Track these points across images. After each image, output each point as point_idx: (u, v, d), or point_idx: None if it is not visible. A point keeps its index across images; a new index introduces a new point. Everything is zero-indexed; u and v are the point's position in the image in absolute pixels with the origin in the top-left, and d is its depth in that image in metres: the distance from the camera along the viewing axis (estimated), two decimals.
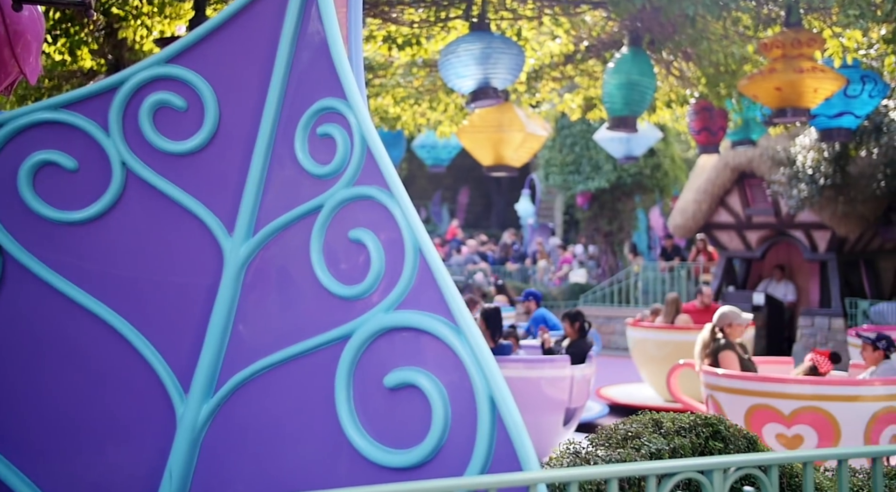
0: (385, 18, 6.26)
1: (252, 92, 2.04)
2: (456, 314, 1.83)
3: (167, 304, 2.09)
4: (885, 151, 10.25)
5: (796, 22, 5.83)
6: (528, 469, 1.72)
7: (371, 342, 1.93)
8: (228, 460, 2.05)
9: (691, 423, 2.54)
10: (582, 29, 7.17)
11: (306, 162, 2.01)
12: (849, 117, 6.93)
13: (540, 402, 6.01)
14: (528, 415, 6.34)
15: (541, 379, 6.04)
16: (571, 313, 6.79)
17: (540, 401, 6.01)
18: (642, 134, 9.25)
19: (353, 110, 1.94)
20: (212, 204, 2.08)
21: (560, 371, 6.10)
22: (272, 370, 2.04)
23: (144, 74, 2.06)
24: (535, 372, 6.06)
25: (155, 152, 2.08)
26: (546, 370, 6.10)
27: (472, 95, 6.07)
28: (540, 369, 6.13)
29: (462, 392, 1.82)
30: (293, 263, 2.03)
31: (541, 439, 5.85)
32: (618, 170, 15.10)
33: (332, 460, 1.95)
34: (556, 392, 6.07)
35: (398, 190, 1.89)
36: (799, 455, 1.69)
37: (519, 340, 6.92)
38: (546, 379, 6.05)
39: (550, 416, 6.07)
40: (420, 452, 1.86)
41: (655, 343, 9.11)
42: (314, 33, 1.99)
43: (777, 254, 12.98)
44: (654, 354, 9.06)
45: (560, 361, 6.18)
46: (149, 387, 2.07)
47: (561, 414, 6.10)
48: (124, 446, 2.08)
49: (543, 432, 5.97)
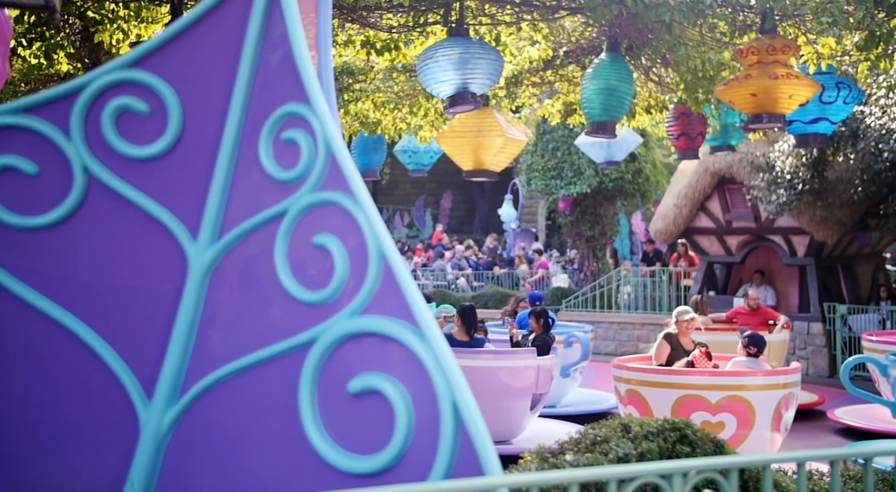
0: (363, 23, 6.26)
1: (216, 97, 2.03)
2: (419, 320, 1.83)
3: (130, 310, 2.08)
4: (862, 156, 10.37)
5: (771, 28, 5.88)
6: (489, 474, 1.72)
7: (335, 348, 1.92)
8: (192, 466, 2.03)
9: (659, 427, 2.55)
10: (561, 34, 7.20)
11: (271, 167, 2.01)
12: (824, 123, 7.00)
13: (510, 389, 6.74)
14: (500, 400, 6.50)
15: (511, 369, 6.78)
16: (537, 311, 7.59)
17: (510, 388, 6.74)
18: (623, 139, 9.29)
19: (318, 115, 1.93)
20: (176, 209, 2.07)
21: (527, 362, 6.83)
22: (237, 376, 2.03)
23: (106, 79, 2.05)
24: (505, 362, 6.83)
25: (118, 157, 2.07)
26: (515, 361, 6.85)
27: (451, 100, 6.08)
28: (510, 359, 6.87)
29: (425, 397, 1.82)
30: (258, 268, 2.03)
31: (511, 421, 6.84)
32: (599, 175, 15.17)
33: (295, 465, 1.95)
34: (523, 380, 6.77)
35: (362, 195, 1.89)
36: (758, 459, 1.70)
37: (488, 334, 7.63)
38: (515, 369, 6.79)
39: (519, 401, 6.82)
40: (383, 457, 1.85)
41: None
42: (278, 38, 1.98)
43: (757, 259, 13.07)
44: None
45: (527, 352, 6.92)
46: (111, 393, 2.05)
47: (528, 399, 6.85)
48: (86, 453, 2.06)
49: (513, 415, 6.84)
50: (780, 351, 8.94)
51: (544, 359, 6.89)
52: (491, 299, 14.56)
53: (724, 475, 1.74)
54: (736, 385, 5.52)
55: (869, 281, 12.82)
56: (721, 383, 5.52)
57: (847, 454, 1.66)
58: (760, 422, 5.48)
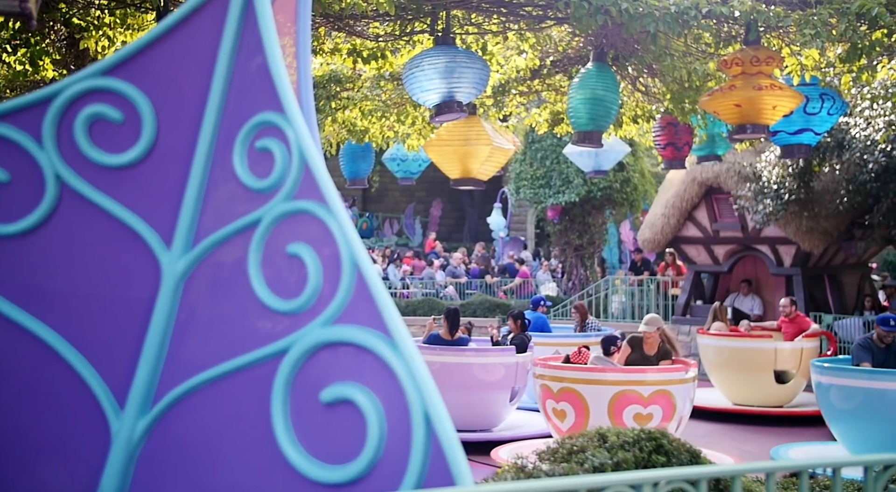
0: (350, 32, 6.27)
1: (191, 105, 2.03)
2: (392, 329, 1.83)
3: (103, 318, 2.07)
4: (848, 167, 10.43)
5: (755, 40, 5.93)
6: (460, 484, 1.72)
7: (308, 357, 1.92)
8: (164, 476, 2.02)
9: (635, 437, 2.56)
10: (548, 44, 7.23)
11: (245, 176, 2.00)
12: (808, 134, 7.05)
13: (491, 383, 7.45)
14: (482, 393, 7.25)
15: (490, 364, 7.51)
16: (514, 313, 8.31)
17: (491, 382, 7.45)
18: (611, 148, 9.32)
19: (292, 124, 1.94)
20: (149, 217, 2.06)
21: (506, 359, 7.53)
22: (209, 385, 2.02)
23: (79, 86, 2.04)
24: (487, 359, 7.57)
25: (90, 165, 2.06)
26: (496, 358, 7.57)
27: (437, 109, 6.10)
28: (491, 356, 7.61)
29: (397, 407, 1.82)
30: (231, 277, 2.02)
31: (492, 411, 7.56)
32: (588, 184, 15.21)
33: (268, 475, 1.94)
34: (503, 375, 7.48)
35: (336, 205, 1.89)
36: (727, 469, 1.70)
37: (470, 332, 8.48)
38: (494, 365, 7.51)
39: (499, 394, 7.52)
40: (355, 467, 1.85)
41: (715, 349, 9.67)
42: (253, 47, 1.98)
43: (744, 268, 13.12)
44: (714, 360, 9.68)
45: (506, 350, 7.63)
46: (82, 402, 2.04)
47: (507, 392, 7.55)
48: (57, 462, 2.05)
49: (494, 407, 7.57)
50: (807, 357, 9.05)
51: (521, 356, 7.59)
52: (479, 307, 14.54)
53: (694, 485, 1.74)
54: (664, 380, 6.24)
55: (855, 291, 12.89)
56: (651, 379, 6.21)
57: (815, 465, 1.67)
58: (679, 411, 6.28)
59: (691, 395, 6.45)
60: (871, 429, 6.22)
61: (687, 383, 6.33)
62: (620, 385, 6.13)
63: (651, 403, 6.11)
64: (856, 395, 6.34)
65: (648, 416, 6.05)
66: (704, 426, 8.38)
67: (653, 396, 6.12)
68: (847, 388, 6.41)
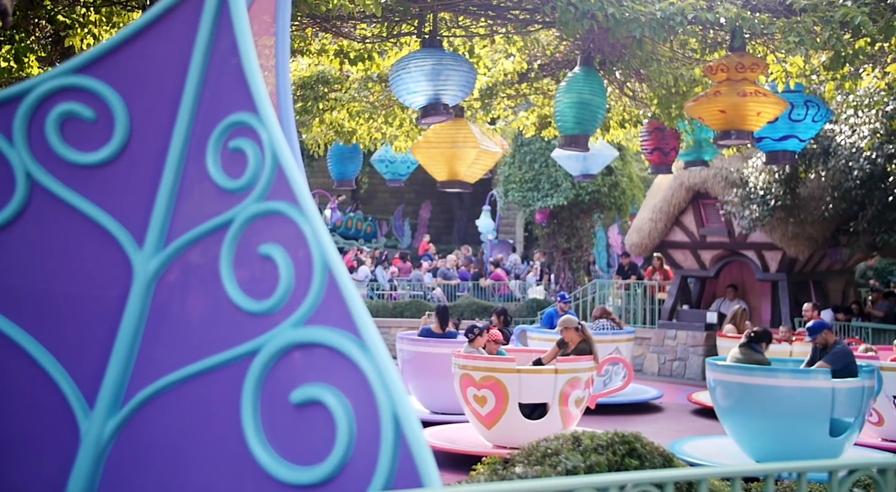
0: (337, 33, 6.27)
1: (164, 104, 2.03)
2: (362, 331, 1.83)
3: (73, 317, 2.06)
4: (833, 174, 10.50)
5: (740, 46, 5.95)
6: (428, 486, 1.72)
7: (278, 358, 1.91)
8: (133, 476, 2.01)
9: (609, 440, 2.57)
10: (536, 48, 7.25)
11: (218, 176, 2.00)
12: (793, 141, 7.08)
13: None
14: None
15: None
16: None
17: None
18: (599, 153, 9.35)
19: (265, 125, 1.93)
20: (121, 216, 2.05)
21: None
22: (180, 385, 2.01)
23: (51, 84, 2.03)
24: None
25: (62, 163, 2.05)
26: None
27: (423, 111, 6.10)
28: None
29: (366, 409, 1.82)
30: (203, 277, 2.02)
31: None
32: (576, 187, 15.25)
33: (237, 476, 1.93)
34: None
35: (308, 206, 1.89)
36: (694, 473, 1.71)
37: (458, 327, 9.45)
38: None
39: None
40: (324, 468, 1.84)
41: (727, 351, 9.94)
42: (227, 46, 1.98)
43: (730, 273, 13.18)
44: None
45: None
46: (51, 402, 2.02)
47: None
48: (24, 462, 2.03)
49: None
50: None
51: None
52: (467, 310, 14.56)
53: (661, 488, 1.75)
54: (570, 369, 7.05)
55: (839, 297, 12.96)
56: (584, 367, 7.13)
57: (782, 469, 1.68)
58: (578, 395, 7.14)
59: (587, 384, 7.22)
60: (748, 423, 6.66)
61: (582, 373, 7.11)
62: (568, 373, 6.97)
63: (586, 387, 7.13)
64: (734, 391, 6.73)
65: (582, 399, 7.05)
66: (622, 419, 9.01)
67: (587, 382, 7.15)
68: (728, 384, 6.80)
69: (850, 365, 6.62)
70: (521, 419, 6.89)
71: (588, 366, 7.12)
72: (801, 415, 6.38)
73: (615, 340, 10.28)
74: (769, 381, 6.56)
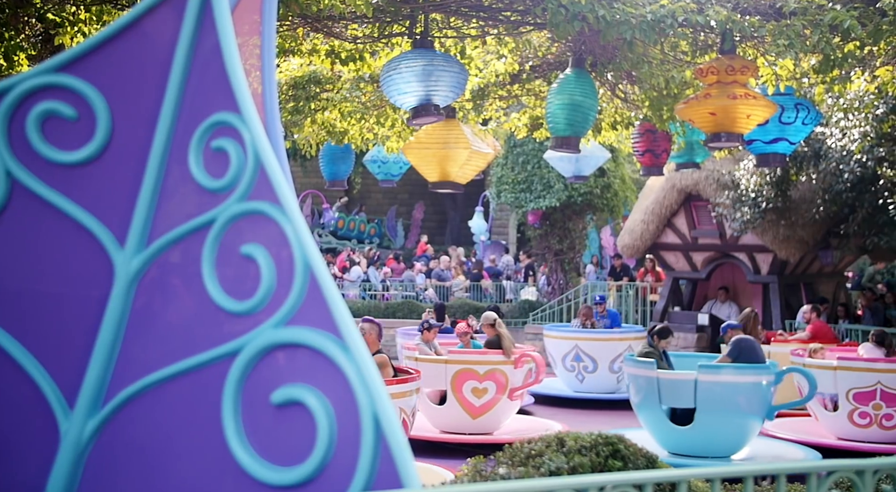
0: (328, 33, 6.26)
1: (146, 103, 2.02)
2: (343, 331, 1.83)
3: (53, 317, 2.05)
4: (824, 177, 10.53)
5: (731, 49, 5.97)
6: (408, 486, 1.72)
7: (260, 359, 1.91)
8: (113, 477, 2.01)
9: (592, 441, 2.57)
10: (527, 49, 7.26)
11: (200, 176, 1.99)
12: (783, 143, 7.11)
13: None
14: None
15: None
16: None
17: None
18: (591, 154, 9.37)
19: (248, 125, 1.93)
20: (103, 215, 2.04)
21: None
22: (161, 385, 2.00)
23: (32, 83, 2.02)
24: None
25: (43, 162, 2.04)
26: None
27: (414, 112, 6.10)
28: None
29: (347, 409, 1.81)
30: (185, 276, 2.01)
31: None
32: (568, 189, 15.26)
33: (217, 476, 1.93)
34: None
35: (290, 206, 1.89)
36: (674, 475, 1.71)
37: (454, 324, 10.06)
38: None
39: None
40: (304, 469, 1.84)
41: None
42: (210, 45, 1.97)
43: (722, 275, 13.21)
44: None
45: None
46: (30, 401, 2.01)
47: None
48: (2, 463, 2.02)
49: None
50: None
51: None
52: (459, 311, 14.56)
53: (640, 489, 1.75)
54: (495, 361, 7.96)
55: (830, 299, 13.00)
56: (483, 359, 8.02)
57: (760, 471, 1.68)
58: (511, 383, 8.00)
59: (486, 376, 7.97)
60: (650, 414, 7.30)
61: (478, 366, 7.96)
62: (459, 364, 7.97)
63: (486, 379, 7.94)
64: (640, 384, 7.34)
65: (484, 389, 7.92)
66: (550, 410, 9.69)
67: (487, 374, 7.98)
68: (635, 377, 7.43)
69: (748, 355, 7.18)
70: (430, 405, 7.98)
71: (489, 359, 7.95)
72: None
73: (625, 338, 10.64)
74: (648, 372, 7.33)
